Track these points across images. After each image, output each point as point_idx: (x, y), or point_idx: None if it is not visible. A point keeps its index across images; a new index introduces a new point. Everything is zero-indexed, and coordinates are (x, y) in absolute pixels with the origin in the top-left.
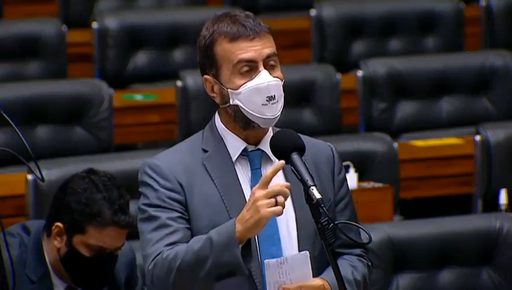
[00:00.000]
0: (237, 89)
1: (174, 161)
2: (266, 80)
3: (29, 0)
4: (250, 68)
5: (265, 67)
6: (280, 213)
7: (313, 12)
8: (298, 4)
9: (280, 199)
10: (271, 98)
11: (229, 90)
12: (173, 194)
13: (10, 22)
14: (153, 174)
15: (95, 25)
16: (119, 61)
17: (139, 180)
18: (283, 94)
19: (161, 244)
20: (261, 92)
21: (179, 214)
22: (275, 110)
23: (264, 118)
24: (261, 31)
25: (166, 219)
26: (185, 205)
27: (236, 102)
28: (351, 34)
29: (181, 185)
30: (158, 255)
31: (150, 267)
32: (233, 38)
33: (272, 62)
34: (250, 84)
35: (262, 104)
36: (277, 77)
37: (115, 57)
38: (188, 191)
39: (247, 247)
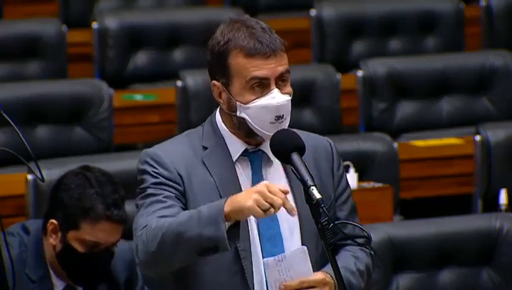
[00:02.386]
0: (247, 104)
1: (174, 152)
2: (277, 101)
3: (29, 0)
4: (262, 85)
5: (277, 84)
6: (261, 216)
7: (313, 12)
8: (298, 4)
9: (270, 210)
10: (279, 118)
11: (237, 102)
12: (172, 183)
13: (10, 22)
14: (152, 162)
15: (95, 25)
16: (119, 61)
17: (138, 168)
18: (290, 109)
19: (154, 216)
20: (270, 111)
21: (175, 195)
22: (281, 128)
23: (269, 135)
24: (277, 48)
25: (163, 197)
26: (183, 193)
27: (244, 115)
28: (351, 34)
29: (180, 176)
30: (147, 224)
31: (138, 234)
32: (249, 54)
33: (284, 78)
34: (261, 102)
35: (270, 122)
36: (287, 93)
37: (115, 57)
38: (187, 182)
39: (237, 228)
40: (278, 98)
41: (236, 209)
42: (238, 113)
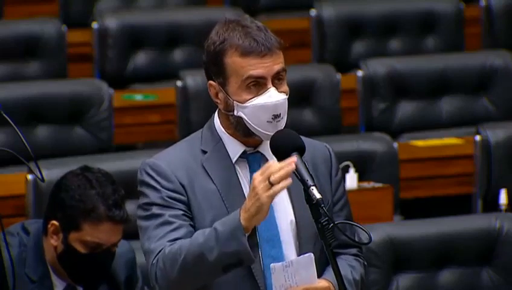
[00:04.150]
0: (244, 103)
1: (174, 161)
2: (274, 99)
3: (29, 0)
4: (259, 84)
5: (273, 82)
6: (281, 190)
7: (313, 12)
8: (298, 4)
9: (272, 177)
10: (277, 116)
11: (234, 102)
12: (175, 195)
13: (10, 22)
14: (153, 174)
15: (95, 25)
16: (119, 61)
17: (139, 179)
18: (287, 109)
19: (164, 240)
20: (267, 109)
21: (182, 212)
22: (279, 127)
23: (266, 134)
24: (272, 47)
25: (169, 216)
26: (188, 204)
27: (241, 114)
28: (351, 34)
29: (183, 186)
30: (161, 250)
31: (153, 262)
32: (245, 53)
33: (280, 76)
34: (258, 101)
35: (267, 121)
36: (283, 92)
37: (115, 57)
38: (190, 191)
39: (251, 237)
40: (274, 96)
41: (254, 215)
42: (235, 113)
